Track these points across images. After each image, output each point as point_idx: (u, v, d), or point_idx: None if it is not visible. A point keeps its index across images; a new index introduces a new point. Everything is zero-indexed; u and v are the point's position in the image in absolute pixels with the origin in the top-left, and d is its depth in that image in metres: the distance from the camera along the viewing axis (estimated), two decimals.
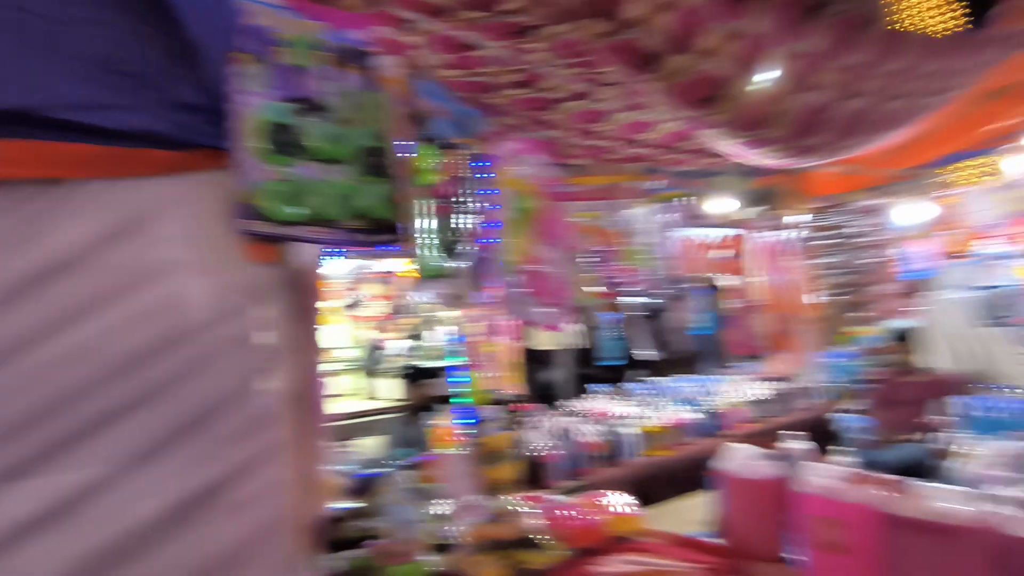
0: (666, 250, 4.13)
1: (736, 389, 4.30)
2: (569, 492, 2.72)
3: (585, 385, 4.51)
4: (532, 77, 2.97)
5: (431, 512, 2.02)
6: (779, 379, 4.46)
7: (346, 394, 5.16)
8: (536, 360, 4.53)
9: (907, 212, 5.65)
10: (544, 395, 4.32)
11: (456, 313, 2.61)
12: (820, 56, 2.49)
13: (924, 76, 3.00)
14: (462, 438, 2.45)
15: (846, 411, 4.05)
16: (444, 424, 2.61)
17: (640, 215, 4.15)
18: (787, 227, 4.34)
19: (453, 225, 2.15)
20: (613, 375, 4.70)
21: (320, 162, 1.29)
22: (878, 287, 4.46)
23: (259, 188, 1.21)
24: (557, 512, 2.01)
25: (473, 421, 2.91)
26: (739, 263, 3.97)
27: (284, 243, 1.30)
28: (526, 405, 3.85)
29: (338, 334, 5.29)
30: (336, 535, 1.82)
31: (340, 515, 1.98)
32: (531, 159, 2.81)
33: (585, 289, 4.10)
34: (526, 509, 1.99)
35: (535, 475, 3.08)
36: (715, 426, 3.91)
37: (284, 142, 1.25)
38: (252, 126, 1.22)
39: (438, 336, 4.86)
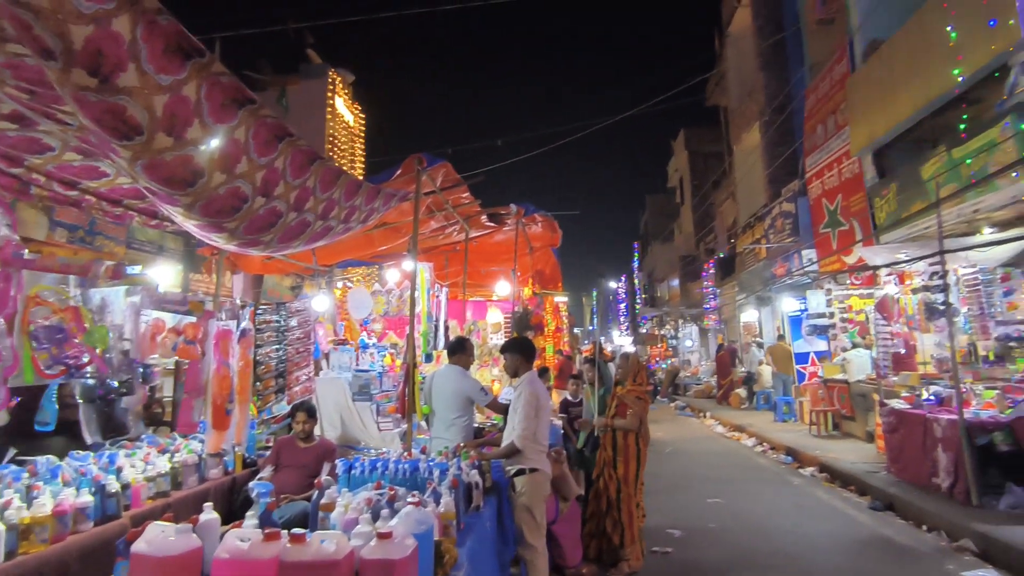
0: (130, 331, 3.68)
1: (144, 463, 4.05)
2: None
3: None
4: None
5: None
6: (212, 454, 4.41)
7: None
8: None
9: (319, 301, 6.77)
10: None
11: None
12: (280, 173, 2.97)
13: (348, 207, 3.91)
14: None
15: (256, 477, 4.40)
16: None
17: (108, 294, 3.64)
18: (239, 317, 4.57)
19: None
20: None
21: None
22: (300, 371, 5.16)
23: None
24: None
25: None
26: (196, 348, 3.92)
27: None
28: None
29: None
30: None
31: None
32: None
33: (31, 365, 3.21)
34: None
35: None
36: (116, 506, 3.57)
37: None
38: None
39: None
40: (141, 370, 3.99)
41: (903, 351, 9.40)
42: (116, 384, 3.81)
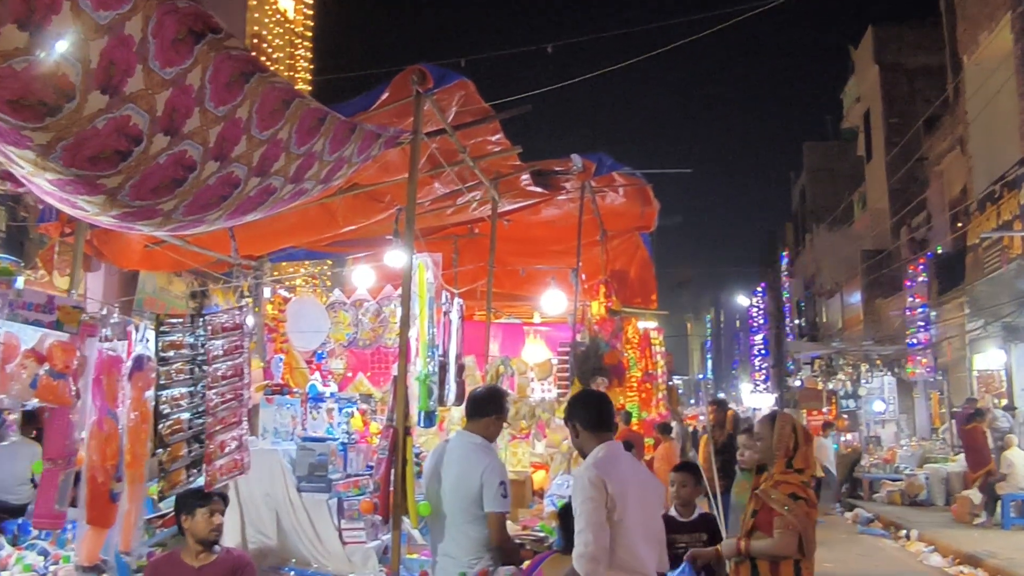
0: None
1: None
2: None
3: None
4: None
5: None
6: (86, 568, 4.46)
7: None
8: None
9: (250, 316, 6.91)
10: None
11: None
12: (196, 94, 3.09)
13: (302, 156, 4.03)
14: None
15: None
16: None
17: None
18: (131, 336, 4.67)
19: None
20: None
21: None
22: (227, 432, 5.21)
23: None
24: None
25: None
26: (67, 385, 4.03)
27: None
28: None
29: None
30: None
31: None
32: None
33: None
34: None
35: None
36: None
37: None
38: None
39: None
40: None
41: None
42: None
